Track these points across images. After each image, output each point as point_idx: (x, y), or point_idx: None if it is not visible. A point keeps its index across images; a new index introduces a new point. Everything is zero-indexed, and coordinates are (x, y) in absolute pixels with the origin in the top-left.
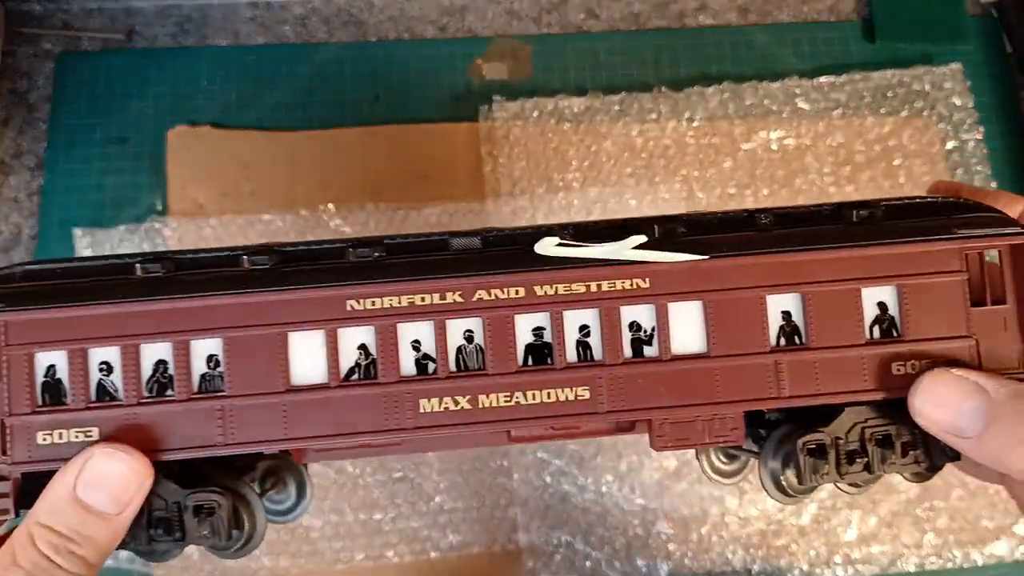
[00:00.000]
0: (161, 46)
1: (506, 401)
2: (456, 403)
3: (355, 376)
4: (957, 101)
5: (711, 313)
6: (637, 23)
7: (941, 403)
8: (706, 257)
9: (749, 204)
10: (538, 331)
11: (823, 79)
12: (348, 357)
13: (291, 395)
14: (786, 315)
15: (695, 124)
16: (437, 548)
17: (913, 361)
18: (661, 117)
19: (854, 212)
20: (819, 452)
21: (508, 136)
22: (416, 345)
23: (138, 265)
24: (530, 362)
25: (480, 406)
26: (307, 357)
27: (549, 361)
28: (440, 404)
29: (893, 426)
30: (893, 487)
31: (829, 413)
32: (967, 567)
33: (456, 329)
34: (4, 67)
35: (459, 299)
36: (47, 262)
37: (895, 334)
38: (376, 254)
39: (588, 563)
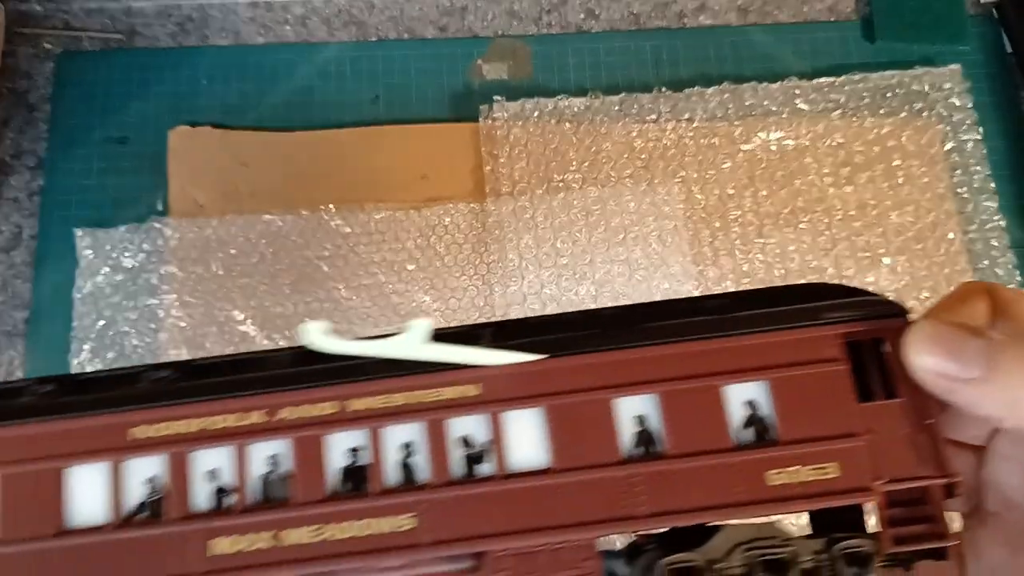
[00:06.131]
0: (161, 46)
1: (313, 536)
2: (254, 541)
3: (142, 515)
4: (957, 101)
5: (553, 422)
6: (637, 23)
7: (937, 341)
8: (544, 357)
9: (748, 205)
10: (355, 452)
11: (823, 79)
12: (132, 494)
13: (63, 540)
14: (640, 420)
15: (695, 125)
16: None
17: (795, 467)
18: (661, 118)
19: (711, 302)
20: (691, 575)
21: (508, 136)
22: (214, 476)
23: None
24: (350, 489)
25: (283, 543)
26: (85, 495)
27: (366, 487)
28: (235, 543)
29: (789, 547)
30: None
31: (708, 536)
32: None
33: (260, 454)
34: (4, 67)
35: (261, 419)
36: None
37: (769, 437)
38: (167, 376)
39: None
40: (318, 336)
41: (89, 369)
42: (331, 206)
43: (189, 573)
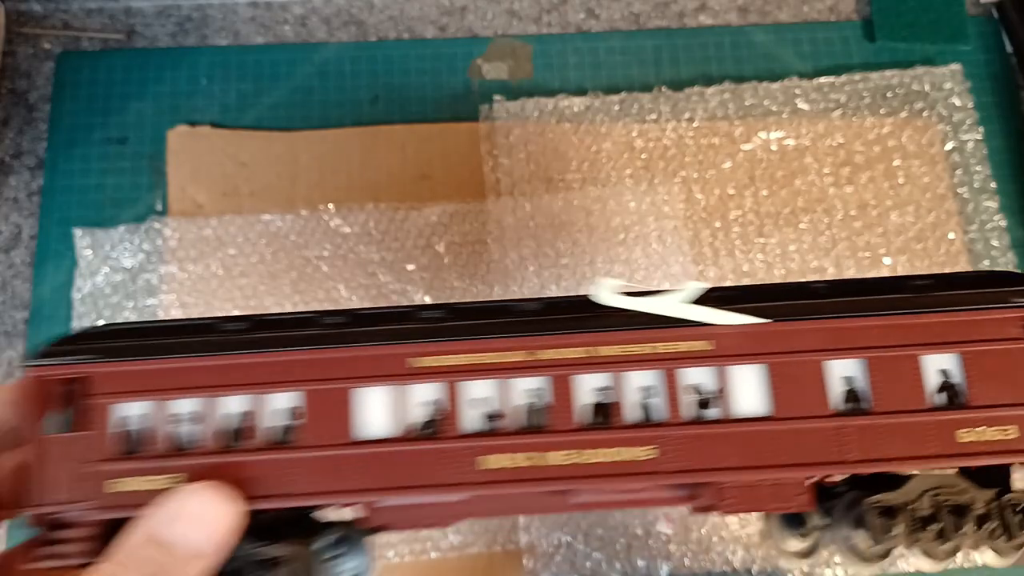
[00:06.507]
0: (161, 46)
1: (568, 459)
2: (516, 460)
3: (421, 432)
4: (957, 101)
5: (774, 377)
6: (637, 23)
7: None
8: (769, 321)
9: (748, 204)
10: (601, 391)
11: (823, 79)
12: (413, 414)
13: (353, 448)
14: (847, 381)
15: (695, 124)
16: (437, 548)
17: (982, 427)
18: (661, 117)
19: (910, 282)
20: (889, 513)
21: (508, 136)
22: (480, 403)
23: (220, 324)
24: (599, 422)
25: (541, 464)
26: (371, 412)
27: (611, 421)
28: (500, 460)
29: (967, 495)
30: None
31: (896, 482)
32: None
33: (519, 388)
34: (4, 67)
35: (523, 358)
36: (134, 323)
37: (958, 402)
38: (439, 315)
39: (588, 563)
40: (607, 293)
41: None
42: (330, 206)
43: (461, 482)
